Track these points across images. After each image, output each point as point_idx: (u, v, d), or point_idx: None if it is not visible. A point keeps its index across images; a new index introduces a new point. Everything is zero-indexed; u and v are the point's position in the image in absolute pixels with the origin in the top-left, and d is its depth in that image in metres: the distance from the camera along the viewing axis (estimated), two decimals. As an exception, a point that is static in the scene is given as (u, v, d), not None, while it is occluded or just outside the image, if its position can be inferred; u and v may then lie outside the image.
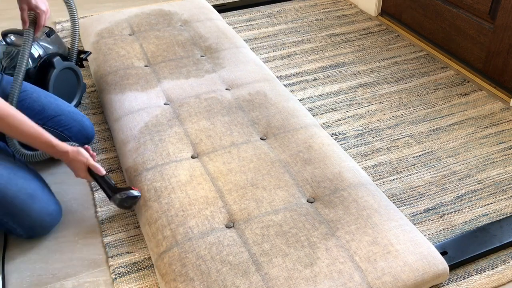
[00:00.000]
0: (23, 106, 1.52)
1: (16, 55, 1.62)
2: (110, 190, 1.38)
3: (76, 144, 1.41)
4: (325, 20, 2.57)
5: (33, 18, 1.52)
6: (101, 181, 1.39)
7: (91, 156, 1.40)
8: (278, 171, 1.44)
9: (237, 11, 2.67)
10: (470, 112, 1.90)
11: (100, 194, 1.54)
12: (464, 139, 1.77)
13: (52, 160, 1.65)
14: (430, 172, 1.63)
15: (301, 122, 1.64)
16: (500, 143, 1.75)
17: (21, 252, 1.38)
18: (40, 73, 1.70)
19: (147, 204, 1.38)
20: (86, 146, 1.43)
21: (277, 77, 2.11)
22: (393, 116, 1.88)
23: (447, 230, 1.43)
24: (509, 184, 1.58)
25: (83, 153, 1.37)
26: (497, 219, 1.46)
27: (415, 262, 1.21)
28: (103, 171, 1.38)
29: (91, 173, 1.39)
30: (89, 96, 1.99)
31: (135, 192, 1.39)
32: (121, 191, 1.37)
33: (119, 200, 1.37)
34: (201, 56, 2.01)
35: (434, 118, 1.87)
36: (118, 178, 1.61)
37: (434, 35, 2.33)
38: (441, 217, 1.47)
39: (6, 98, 1.44)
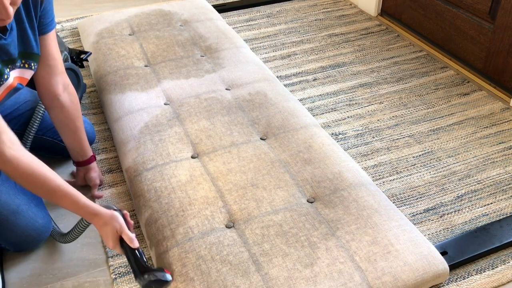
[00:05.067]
0: (23, 117, 1.52)
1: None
2: (139, 268, 1.15)
3: (115, 207, 1.22)
4: (325, 20, 2.57)
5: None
6: (131, 255, 1.17)
7: (128, 224, 1.21)
8: (278, 171, 1.44)
9: (237, 11, 2.67)
10: (470, 112, 1.90)
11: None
12: (464, 139, 1.77)
13: (55, 161, 1.65)
14: (430, 172, 1.63)
15: (301, 122, 1.64)
16: (500, 143, 1.75)
17: (21, 252, 1.38)
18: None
19: (147, 204, 1.38)
20: (125, 212, 1.23)
21: (277, 77, 2.11)
22: (393, 116, 1.88)
23: (447, 230, 1.43)
24: (509, 184, 1.58)
25: (118, 219, 1.17)
26: (497, 219, 1.46)
27: (415, 262, 1.21)
28: (136, 244, 1.17)
29: (122, 243, 1.18)
30: (89, 96, 1.99)
31: (167, 276, 1.17)
32: (151, 271, 1.15)
33: (146, 281, 1.14)
34: (201, 56, 2.01)
35: (434, 118, 1.87)
36: (118, 178, 1.61)
37: (434, 35, 2.33)
38: (441, 217, 1.47)
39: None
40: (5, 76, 1.23)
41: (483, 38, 2.06)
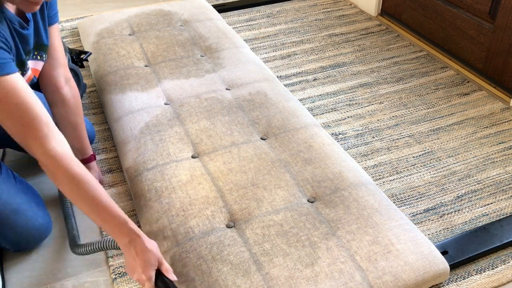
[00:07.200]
0: None
1: None
2: None
3: None
4: (325, 20, 2.57)
5: None
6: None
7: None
8: (278, 171, 1.44)
9: (237, 11, 2.67)
10: (470, 112, 1.90)
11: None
12: (464, 139, 1.77)
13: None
14: (430, 172, 1.63)
15: (301, 122, 1.64)
16: (500, 143, 1.75)
17: (21, 251, 1.38)
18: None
19: (147, 204, 1.38)
20: None
21: (277, 77, 2.11)
22: (393, 116, 1.88)
23: (447, 230, 1.43)
24: (509, 184, 1.58)
25: (158, 249, 1.09)
26: (497, 219, 1.46)
27: (415, 262, 1.21)
28: (174, 276, 1.09)
29: (157, 276, 1.06)
30: (89, 96, 1.99)
31: None
32: None
33: None
34: (201, 56, 2.01)
35: (434, 118, 1.87)
36: (118, 178, 1.61)
37: (434, 35, 2.33)
38: (441, 217, 1.47)
39: None
40: (27, 67, 1.26)
41: (483, 38, 2.06)
